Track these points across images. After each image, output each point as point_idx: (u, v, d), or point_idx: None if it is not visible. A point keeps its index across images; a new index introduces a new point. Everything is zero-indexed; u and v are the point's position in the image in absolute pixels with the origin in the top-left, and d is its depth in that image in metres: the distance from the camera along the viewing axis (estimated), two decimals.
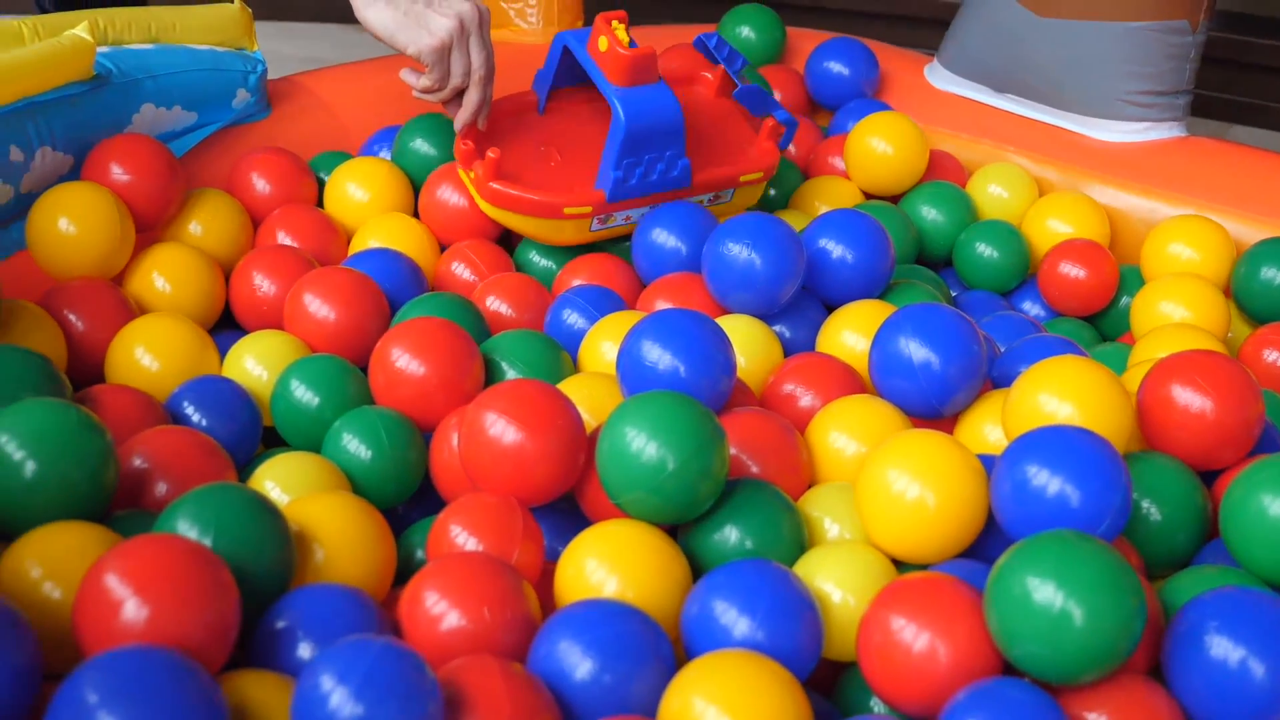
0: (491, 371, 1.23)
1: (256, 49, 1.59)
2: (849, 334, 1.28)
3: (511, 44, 1.83)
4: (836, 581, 0.98)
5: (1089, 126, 1.74)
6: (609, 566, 0.96)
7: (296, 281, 1.31)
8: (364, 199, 1.52)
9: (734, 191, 1.53)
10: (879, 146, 1.66)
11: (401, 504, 1.20)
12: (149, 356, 1.23)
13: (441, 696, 0.80)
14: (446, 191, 1.51)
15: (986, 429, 1.14)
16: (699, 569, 1.02)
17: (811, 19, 2.22)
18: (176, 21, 1.52)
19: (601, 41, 1.39)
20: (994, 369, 1.22)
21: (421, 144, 1.56)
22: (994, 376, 1.22)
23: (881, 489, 1.00)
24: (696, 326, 1.11)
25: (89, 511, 0.98)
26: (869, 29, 2.15)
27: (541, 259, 1.51)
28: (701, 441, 0.98)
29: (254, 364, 1.25)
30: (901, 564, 1.02)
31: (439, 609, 0.90)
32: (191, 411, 1.17)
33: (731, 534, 1.02)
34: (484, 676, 0.83)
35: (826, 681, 1.02)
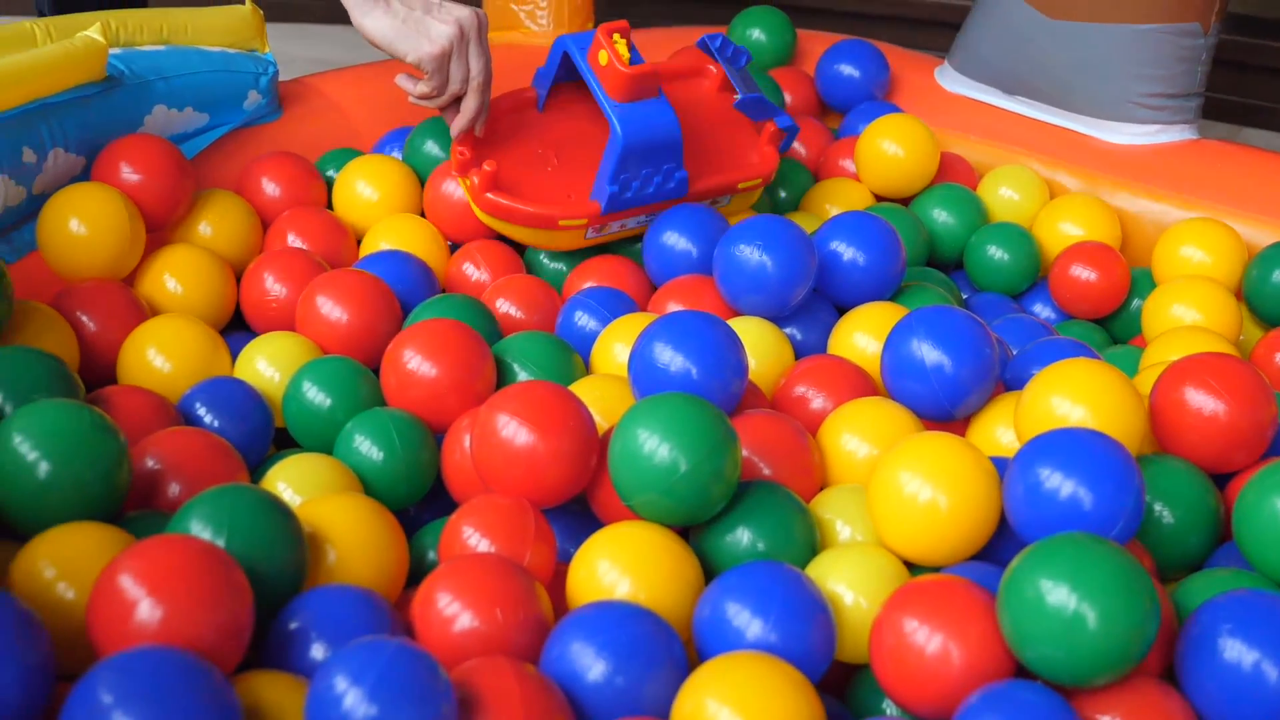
0: (503, 373, 1.23)
1: (268, 51, 1.59)
2: (860, 336, 1.28)
3: (521, 46, 1.83)
4: (849, 584, 0.98)
5: (1100, 129, 1.74)
6: (621, 568, 0.96)
7: (309, 284, 1.31)
8: (373, 197, 1.53)
9: (731, 198, 1.53)
10: (890, 149, 1.66)
11: (413, 505, 1.20)
12: (161, 358, 1.24)
13: (455, 698, 0.81)
14: (451, 186, 1.50)
15: (999, 431, 1.13)
16: (711, 571, 1.02)
17: (822, 21, 2.22)
18: (188, 23, 1.52)
19: (602, 55, 1.37)
20: (1006, 371, 1.22)
21: (432, 146, 1.56)
22: (1006, 379, 1.21)
23: (894, 491, 1.00)
24: (709, 328, 1.11)
25: (102, 512, 0.98)
26: (879, 31, 2.15)
27: (551, 261, 1.51)
28: (714, 444, 0.98)
29: (266, 365, 1.25)
30: (914, 566, 1.02)
31: (452, 610, 0.90)
32: (203, 413, 1.17)
33: (743, 536, 1.02)
34: (497, 678, 0.83)
35: (839, 684, 1.02)
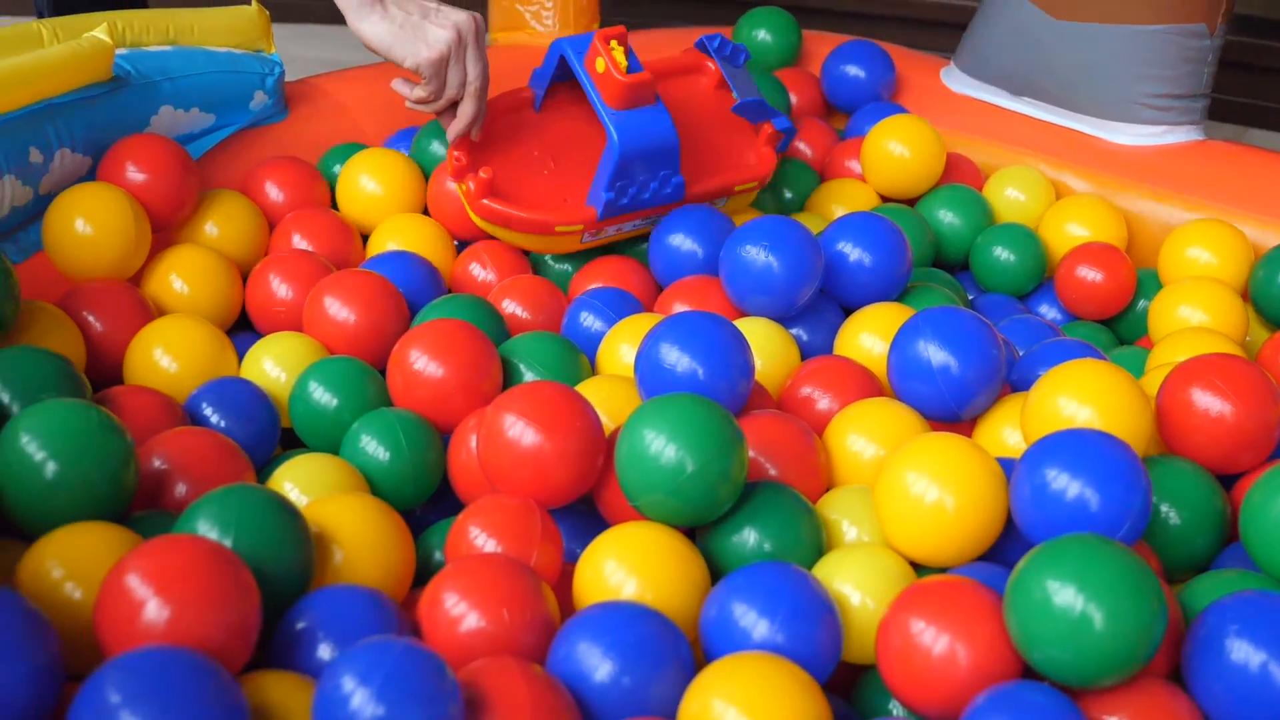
0: (510, 373, 1.23)
1: (274, 51, 1.59)
2: (867, 337, 1.28)
3: (527, 47, 1.83)
4: (855, 584, 0.98)
5: (1106, 130, 1.74)
6: (628, 568, 0.96)
7: (316, 284, 1.31)
8: (378, 191, 1.52)
9: (727, 200, 1.52)
10: (896, 150, 1.66)
11: (420, 506, 1.20)
12: (168, 358, 1.24)
13: (462, 698, 0.81)
14: (453, 183, 1.50)
15: (1005, 432, 1.13)
16: (717, 571, 1.02)
17: (827, 22, 2.22)
18: (194, 24, 1.52)
19: (599, 63, 1.36)
20: (1012, 372, 1.22)
21: (439, 146, 1.56)
22: (1012, 380, 1.21)
23: (901, 492, 1.00)
24: (715, 329, 1.11)
25: (109, 512, 0.98)
26: (885, 32, 2.15)
27: (557, 262, 1.51)
28: (721, 444, 0.98)
29: (272, 365, 1.25)
30: (920, 567, 1.02)
31: (458, 610, 0.90)
32: (210, 413, 1.18)
33: (750, 536, 1.02)
34: (504, 678, 0.84)
35: (845, 684, 1.02)
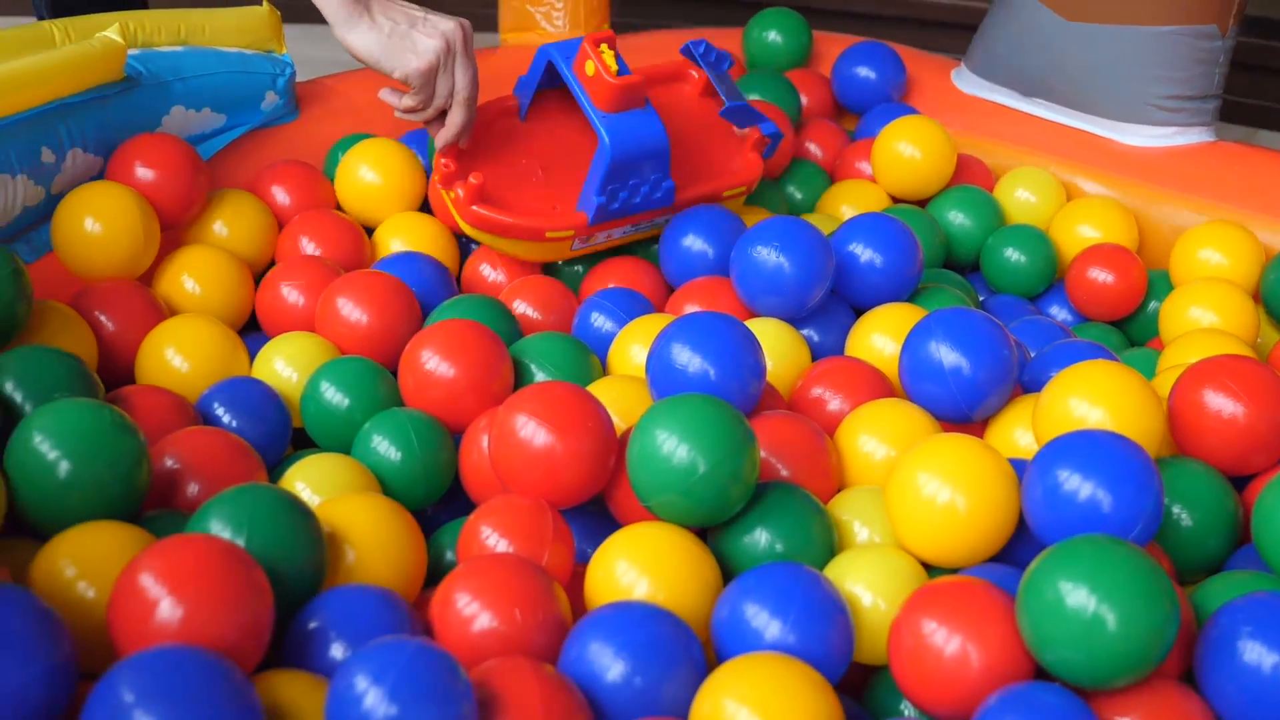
0: (521, 374, 1.23)
1: (285, 52, 1.59)
2: (878, 337, 1.28)
3: (536, 47, 1.82)
4: (867, 585, 0.98)
5: (1117, 131, 1.73)
6: (640, 569, 0.96)
7: (329, 285, 1.31)
8: (377, 181, 1.51)
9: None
10: (906, 151, 1.66)
11: (431, 506, 1.20)
12: (180, 357, 1.24)
13: (475, 698, 0.81)
14: None
15: (1017, 434, 1.13)
16: (729, 572, 1.02)
17: (838, 23, 2.21)
18: (206, 24, 1.53)
19: (588, 66, 1.35)
20: (1024, 374, 1.22)
21: None
22: (1024, 381, 1.21)
23: (912, 493, 1.00)
24: (727, 329, 1.11)
25: (122, 512, 0.98)
26: (895, 33, 2.14)
27: (568, 263, 1.51)
28: (733, 445, 0.98)
29: (284, 365, 1.26)
30: (932, 568, 1.02)
31: (470, 610, 0.90)
32: (222, 412, 1.18)
33: (762, 537, 1.02)
34: (517, 678, 0.84)
35: (857, 685, 1.02)
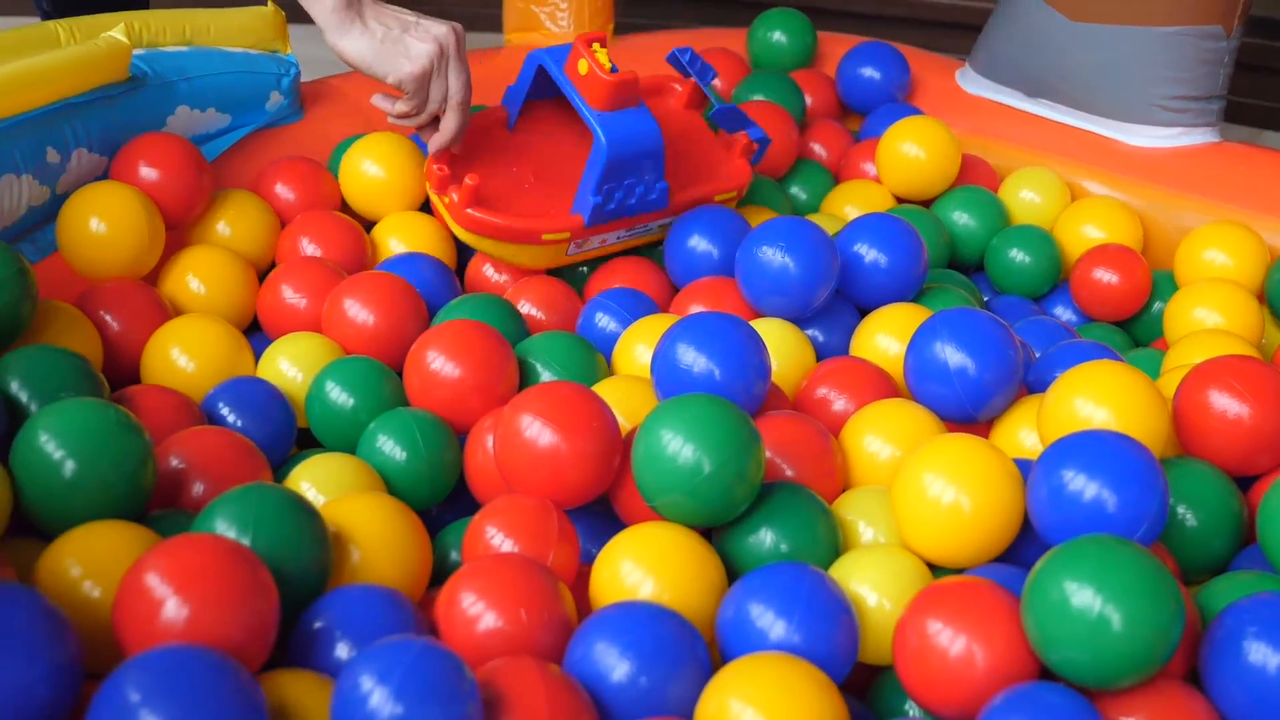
0: (527, 373, 1.23)
1: (290, 52, 1.59)
2: (882, 338, 1.28)
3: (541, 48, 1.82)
4: (872, 585, 0.98)
5: (1122, 132, 1.73)
6: (645, 569, 0.96)
7: (335, 287, 1.31)
8: (380, 176, 1.50)
9: None
10: (911, 151, 1.66)
11: (436, 506, 1.20)
12: (185, 357, 1.24)
13: (480, 697, 0.81)
14: None
15: (1022, 434, 1.13)
16: (734, 572, 1.02)
17: (842, 23, 2.21)
18: (211, 24, 1.53)
19: (581, 65, 1.34)
20: (1029, 374, 1.22)
21: None
22: (1028, 381, 1.21)
23: (917, 493, 1.00)
24: (732, 330, 1.11)
25: (127, 511, 0.98)
26: (900, 33, 2.14)
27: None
28: (738, 445, 0.98)
29: (289, 365, 1.25)
30: (937, 568, 1.02)
31: (476, 610, 0.91)
32: (227, 412, 1.18)
33: (767, 537, 1.02)
34: (522, 677, 0.84)
35: (862, 685, 1.02)
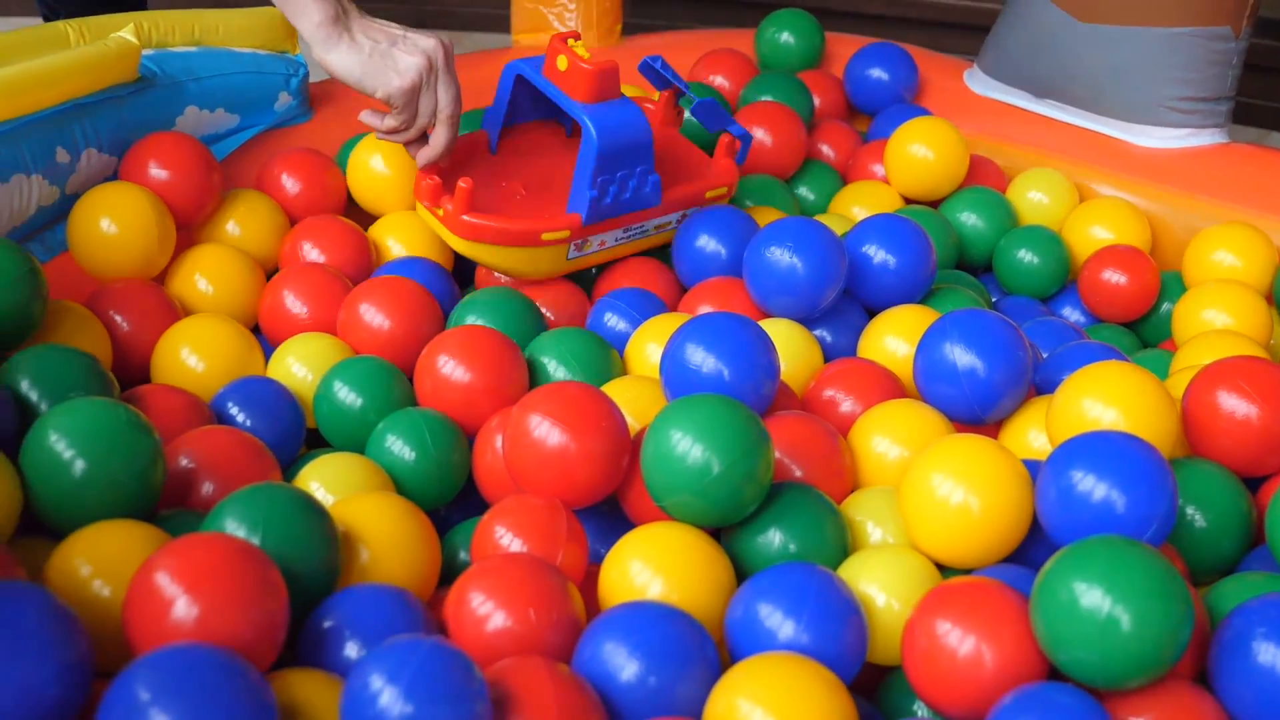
0: (541, 369, 1.23)
1: (298, 52, 1.59)
2: (891, 339, 1.27)
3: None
4: (881, 585, 0.98)
5: (1130, 133, 1.73)
6: (654, 569, 0.97)
7: (349, 293, 1.31)
8: (386, 173, 1.50)
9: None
10: (919, 152, 1.66)
11: (445, 506, 1.20)
12: (195, 357, 1.24)
13: (489, 697, 0.81)
14: None
15: (1031, 435, 1.13)
16: (742, 572, 1.02)
17: (850, 24, 2.21)
18: (220, 24, 1.53)
19: (560, 61, 1.33)
20: (1037, 375, 1.22)
21: None
22: (1037, 382, 1.21)
23: (926, 493, 1.00)
24: (741, 330, 1.11)
25: (137, 510, 0.99)
26: (908, 34, 2.14)
27: None
28: (747, 445, 0.98)
29: (298, 365, 1.26)
30: (945, 569, 1.02)
31: (485, 610, 0.91)
32: (236, 412, 1.18)
33: (775, 537, 1.02)
34: (531, 677, 0.84)
35: (870, 685, 1.02)
